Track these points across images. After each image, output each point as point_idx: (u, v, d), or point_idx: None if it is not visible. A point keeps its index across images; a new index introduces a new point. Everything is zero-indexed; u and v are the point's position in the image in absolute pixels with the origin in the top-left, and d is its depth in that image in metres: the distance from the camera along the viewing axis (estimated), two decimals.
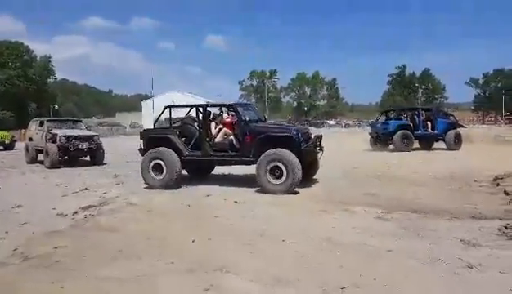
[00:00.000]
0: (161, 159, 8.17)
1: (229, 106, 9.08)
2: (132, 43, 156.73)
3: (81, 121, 15.89)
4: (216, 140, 8.53)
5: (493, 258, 3.83)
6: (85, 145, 12.98)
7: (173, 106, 9.17)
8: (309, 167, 8.15)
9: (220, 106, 9.48)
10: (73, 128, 14.04)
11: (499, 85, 69.25)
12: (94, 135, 13.67)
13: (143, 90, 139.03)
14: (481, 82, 71.91)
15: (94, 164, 13.03)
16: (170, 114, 9.03)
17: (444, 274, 3.55)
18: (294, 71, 77.05)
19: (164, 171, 8.13)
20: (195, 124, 8.90)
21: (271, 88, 70.83)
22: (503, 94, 65.17)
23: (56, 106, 54.64)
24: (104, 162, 13.44)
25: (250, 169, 8.14)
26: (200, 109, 8.76)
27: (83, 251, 4.33)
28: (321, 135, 9.11)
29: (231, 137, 8.46)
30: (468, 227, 4.91)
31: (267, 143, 7.71)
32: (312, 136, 8.71)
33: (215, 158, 8.38)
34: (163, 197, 7.28)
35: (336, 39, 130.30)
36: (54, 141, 12.60)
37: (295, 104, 72.59)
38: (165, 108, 8.89)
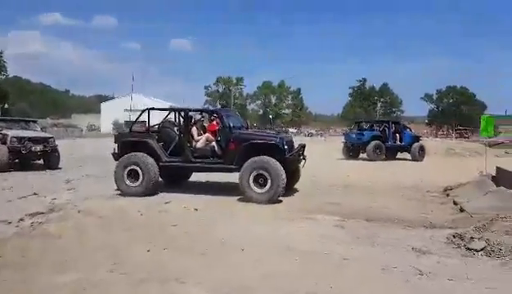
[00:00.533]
0: (137, 165, 7.70)
1: (212, 112, 8.85)
2: (93, 42, 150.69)
3: (36, 121, 14.95)
4: (197, 145, 8.16)
5: (442, 266, 3.99)
6: (39, 148, 12.10)
7: (152, 109, 8.78)
8: (291, 176, 7.94)
9: (203, 111, 9.29)
10: (26, 129, 13.17)
11: (451, 101, 73.40)
12: (49, 138, 12.88)
13: (103, 91, 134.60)
14: (435, 97, 75.86)
15: (49, 168, 12.25)
16: (148, 118, 8.58)
17: (397, 282, 3.65)
18: (260, 79, 77.44)
19: (140, 178, 7.68)
20: (175, 129, 8.56)
21: (237, 95, 70.97)
22: (454, 109, 69.15)
23: (6, 105, 51.43)
24: (59, 166, 12.76)
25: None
26: (182, 113, 8.45)
27: (28, 261, 4.07)
28: (305, 145, 8.99)
29: (213, 144, 8.18)
30: (420, 235, 5.10)
31: (252, 150, 7.52)
32: (296, 145, 8.61)
33: (196, 164, 8.02)
34: (118, 204, 6.97)
35: (301, 50, 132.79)
36: (4, 142, 11.76)
37: (261, 111, 73.20)
38: (144, 110, 8.42)
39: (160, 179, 8.16)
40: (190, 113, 8.46)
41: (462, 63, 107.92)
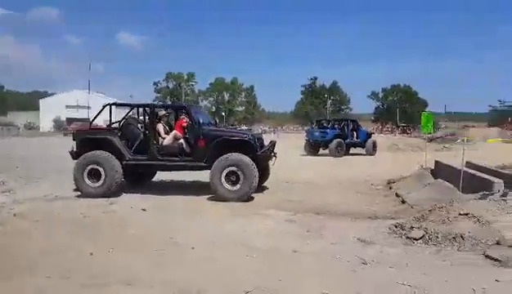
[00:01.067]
0: (99, 164, 7.30)
1: (181, 107, 8.44)
2: (30, 35, 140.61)
3: None
4: (164, 143, 7.83)
5: (385, 254, 4.18)
6: None
7: (114, 105, 8.32)
8: (261, 174, 7.75)
9: (170, 107, 8.90)
10: None
11: (395, 99, 77.35)
12: None
13: (41, 87, 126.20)
14: (380, 95, 79.54)
15: None
16: (110, 114, 8.09)
17: (343, 272, 3.78)
18: (212, 76, 76.51)
19: (102, 178, 7.28)
20: (138, 126, 8.18)
21: (188, 92, 69.78)
22: (397, 107, 72.96)
23: None
24: None
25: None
26: (147, 109, 8.09)
27: None
28: (275, 142, 8.90)
29: (181, 141, 7.87)
30: (365, 227, 5.31)
31: (223, 147, 7.34)
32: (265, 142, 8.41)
33: (163, 162, 7.65)
34: (58, 206, 6.56)
35: (254, 48, 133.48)
36: None
37: (214, 108, 72.60)
38: (104, 106, 7.94)
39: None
40: (156, 109, 8.13)
41: (407, 63, 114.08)
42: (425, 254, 4.18)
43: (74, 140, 7.98)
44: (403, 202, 7.04)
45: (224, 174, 7.08)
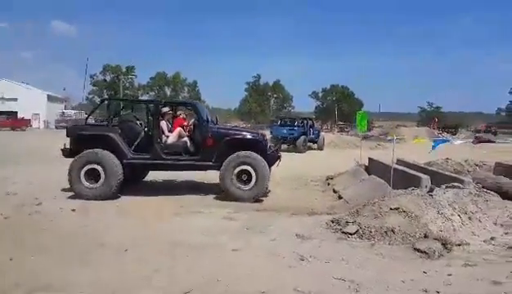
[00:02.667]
0: (98, 163, 6.74)
1: (188, 105, 8.01)
2: None
3: None
4: (169, 141, 7.40)
5: (321, 249, 4.28)
6: None
7: (112, 99, 7.77)
8: None
9: (176, 104, 8.34)
10: None
11: (334, 98, 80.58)
12: None
13: None
14: (320, 95, 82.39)
15: None
16: (108, 108, 7.54)
17: (281, 268, 3.81)
18: (153, 70, 73.95)
19: (102, 178, 6.72)
20: (138, 122, 7.67)
21: (127, 85, 66.84)
22: (336, 106, 76.13)
23: None
24: None
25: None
26: (151, 105, 7.62)
27: None
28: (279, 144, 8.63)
29: (185, 139, 7.51)
30: (304, 222, 5.39)
31: (233, 147, 7.06)
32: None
33: (168, 161, 7.20)
34: None
35: (198, 41, 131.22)
36: None
37: None
38: (102, 100, 7.35)
39: None
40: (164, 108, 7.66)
41: (345, 64, 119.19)
42: (359, 248, 4.34)
43: (67, 136, 7.30)
44: (340, 197, 7.31)
45: (236, 173, 6.88)
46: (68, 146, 7.25)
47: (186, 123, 8.01)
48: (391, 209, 4.89)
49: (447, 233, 4.50)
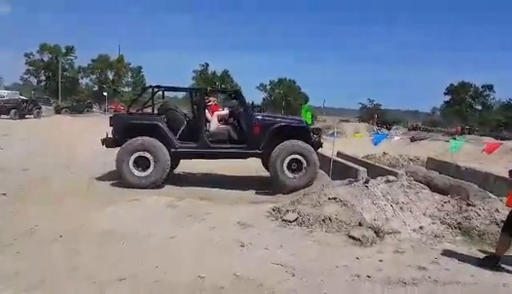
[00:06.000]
0: (148, 152, 6.63)
1: (233, 93, 7.72)
2: None
3: None
4: (212, 129, 7.28)
5: (261, 237, 4.32)
6: None
7: (160, 87, 7.27)
8: None
9: (221, 92, 7.82)
10: None
11: (281, 91, 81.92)
12: None
13: None
14: (268, 87, 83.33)
15: None
16: (153, 97, 7.16)
17: (220, 254, 3.81)
18: (95, 52, 69.62)
19: (151, 167, 6.63)
20: (179, 111, 7.49)
21: (66, 66, 62.63)
22: (283, 99, 77.51)
23: None
24: None
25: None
26: (197, 93, 7.55)
27: None
28: (321, 128, 8.45)
29: (228, 127, 7.37)
30: (246, 211, 5.42)
31: (280, 135, 6.94)
32: None
33: (215, 150, 7.10)
34: None
35: (142, 25, 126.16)
36: None
37: (96, 87, 66.58)
38: (145, 88, 7.07)
39: None
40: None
41: (294, 58, 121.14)
42: (297, 235, 4.44)
43: (111, 125, 7.09)
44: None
45: (286, 161, 6.78)
46: (110, 136, 7.12)
47: (221, 110, 7.92)
48: (329, 199, 5.05)
49: (380, 222, 4.74)
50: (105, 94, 43.46)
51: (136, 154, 6.69)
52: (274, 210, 5.06)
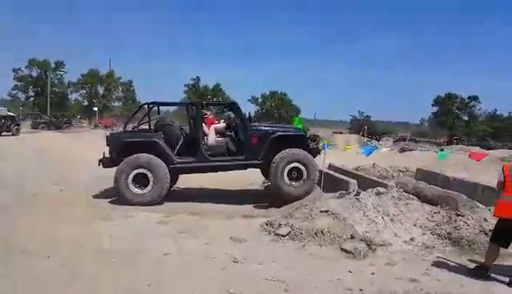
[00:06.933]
0: (146, 168, 6.57)
1: (228, 105, 7.66)
2: None
3: None
4: (210, 142, 7.25)
5: (254, 251, 4.33)
6: None
7: (155, 104, 7.28)
8: None
9: (217, 105, 7.85)
10: None
11: (273, 104, 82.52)
12: None
13: None
14: (260, 100, 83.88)
15: None
16: (149, 114, 7.16)
17: (214, 270, 3.80)
18: (85, 67, 69.20)
19: (151, 184, 6.57)
20: (176, 126, 7.46)
21: (56, 82, 62.28)
22: (275, 112, 78.02)
23: None
24: None
25: None
26: (193, 107, 7.51)
27: None
28: (318, 135, 8.51)
29: (226, 139, 7.33)
30: (239, 225, 5.44)
31: (278, 144, 6.95)
32: None
33: (214, 163, 7.05)
34: None
35: (133, 37, 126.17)
36: None
37: (86, 102, 66.21)
38: (141, 106, 7.14)
39: None
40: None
41: (283, 70, 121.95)
42: (291, 249, 4.47)
43: (107, 145, 7.03)
44: (276, 201, 7.41)
45: (286, 170, 6.79)
46: (107, 155, 7.04)
47: (216, 123, 7.93)
48: (321, 212, 5.10)
49: (372, 234, 4.79)
50: (95, 109, 43.12)
51: (135, 171, 6.64)
52: (267, 224, 5.08)
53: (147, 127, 7.37)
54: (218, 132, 7.58)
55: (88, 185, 7.91)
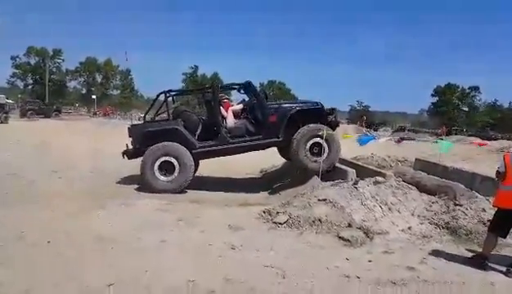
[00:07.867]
0: (172, 156, 6.71)
1: (244, 86, 7.56)
2: None
3: None
4: (229, 124, 7.29)
5: (252, 239, 4.33)
6: None
7: (172, 92, 7.34)
8: None
9: (231, 87, 8.00)
10: None
11: (271, 94, 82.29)
12: None
13: None
14: (258, 89, 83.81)
15: None
16: (166, 102, 7.19)
17: (211, 258, 3.80)
18: (83, 55, 68.63)
19: (177, 170, 6.70)
20: (192, 112, 7.67)
21: (54, 69, 61.88)
22: (274, 101, 78.11)
23: None
24: None
25: None
26: (209, 91, 7.55)
27: None
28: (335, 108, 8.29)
29: (244, 120, 7.37)
30: (236, 213, 5.42)
31: (297, 120, 6.96)
32: None
33: (235, 145, 7.11)
34: None
35: (131, 24, 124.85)
36: None
37: (84, 90, 65.88)
38: (158, 95, 7.14)
39: None
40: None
41: (282, 59, 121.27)
42: (288, 237, 4.46)
43: (130, 136, 7.18)
44: (274, 189, 7.44)
45: (308, 146, 6.83)
46: (130, 147, 7.16)
47: (233, 105, 7.95)
48: (319, 200, 5.09)
49: (369, 222, 4.79)
50: (93, 97, 42.94)
51: (161, 159, 6.76)
52: (265, 212, 5.07)
53: (166, 116, 7.36)
54: (236, 114, 7.58)
55: (88, 174, 7.88)
